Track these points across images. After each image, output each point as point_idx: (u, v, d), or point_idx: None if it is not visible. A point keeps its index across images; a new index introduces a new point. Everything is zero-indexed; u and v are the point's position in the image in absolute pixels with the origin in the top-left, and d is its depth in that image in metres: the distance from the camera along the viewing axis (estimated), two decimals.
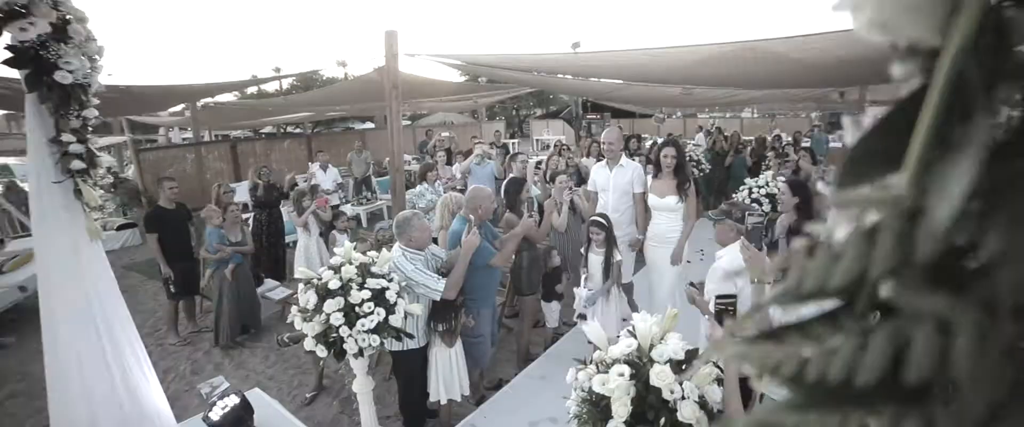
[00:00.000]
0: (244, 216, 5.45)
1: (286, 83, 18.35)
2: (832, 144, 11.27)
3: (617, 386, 1.63)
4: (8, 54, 1.94)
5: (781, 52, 4.45)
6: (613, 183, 4.01)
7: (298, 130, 19.20)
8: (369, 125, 19.15)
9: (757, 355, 0.21)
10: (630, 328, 1.85)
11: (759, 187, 5.15)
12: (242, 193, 7.14)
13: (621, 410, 1.61)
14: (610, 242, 3.46)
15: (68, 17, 2.08)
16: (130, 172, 11.20)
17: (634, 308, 3.69)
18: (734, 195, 5.21)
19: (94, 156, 2.29)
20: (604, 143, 4.13)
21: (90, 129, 2.30)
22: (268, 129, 18.94)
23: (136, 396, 2.43)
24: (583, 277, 3.60)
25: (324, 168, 8.20)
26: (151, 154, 11.00)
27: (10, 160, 12.56)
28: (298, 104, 12.23)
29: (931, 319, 0.17)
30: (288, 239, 6.32)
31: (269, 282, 5.48)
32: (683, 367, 1.67)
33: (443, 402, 3.11)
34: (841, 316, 0.20)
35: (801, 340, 0.21)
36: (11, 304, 5.51)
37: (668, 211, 3.68)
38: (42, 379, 4.28)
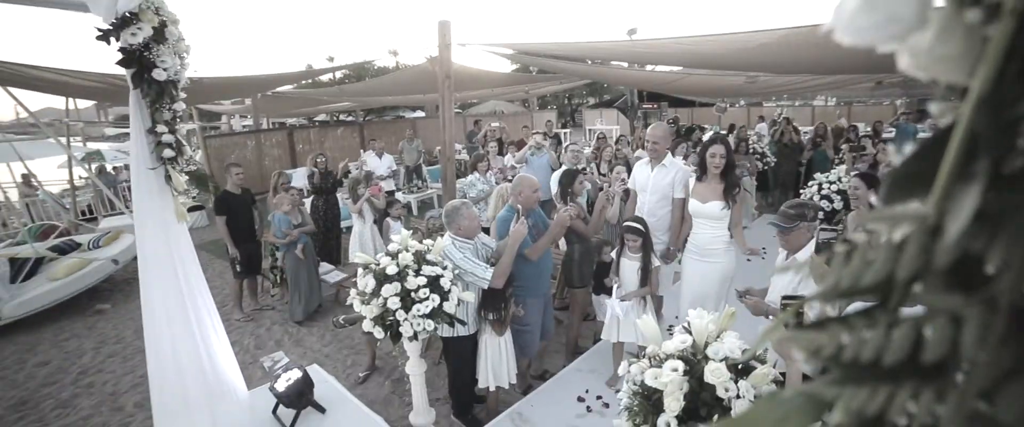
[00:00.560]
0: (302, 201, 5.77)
1: (340, 72, 19.00)
2: (921, 135, 10.41)
3: (670, 380, 1.66)
4: (120, 55, 2.18)
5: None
6: (652, 184, 3.69)
7: (350, 118, 19.92)
8: (420, 113, 19.61)
9: (804, 340, 0.26)
10: (685, 324, 1.87)
11: (830, 182, 4.72)
12: (298, 179, 7.54)
13: (673, 404, 1.65)
14: (647, 248, 3.19)
15: (165, 21, 2.30)
16: (198, 156, 12.04)
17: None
18: (801, 191, 4.87)
19: (182, 145, 2.53)
20: (649, 140, 3.72)
21: (179, 120, 2.54)
22: (322, 117, 19.76)
23: (215, 362, 2.68)
24: (615, 286, 3.29)
25: (379, 155, 8.50)
26: (215, 140, 11.74)
27: (102, 146, 13.76)
28: (351, 93, 12.71)
29: (946, 313, 0.21)
30: (343, 225, 6.63)
31: (325, 265, 5.79)
32: (739, 367, 1.68)
33: (491, 389, 3.22)
34: (874, 311, 0.25)
35: (840, 329, 0.25)
36: (107, 275, 6.14)
37: (712, 220, 3.25)
38: (132, 341, 4.83)
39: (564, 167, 4.98)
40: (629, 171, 4.94)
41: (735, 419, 0.27)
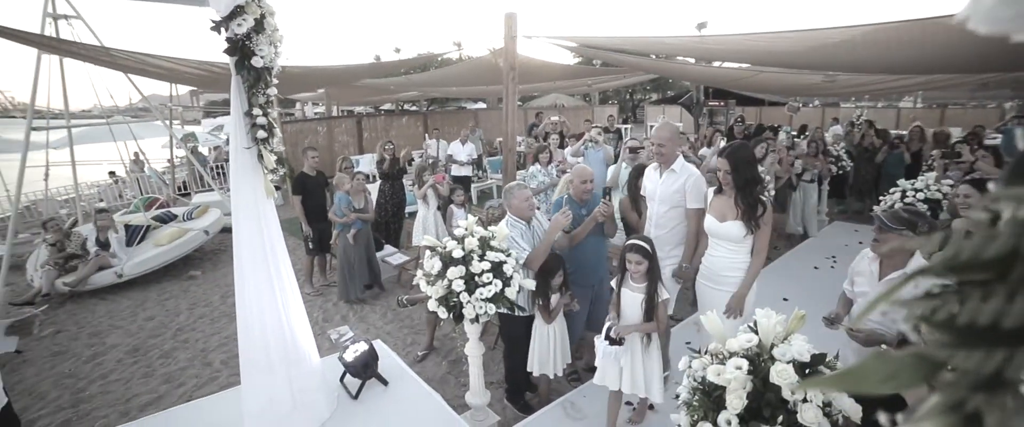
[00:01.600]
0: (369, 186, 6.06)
1: (405, 67, 19.59)
2: None
3: (734, 378, 1.64)
4: (226, 44, 2.40)
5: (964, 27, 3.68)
6: (660, 192, 3.23)
7: (414, 107, 20.53)
8: (481, 105, 19.87)
9: (918, 306, 0.28)
10: (751, 324, 1.83)
11: (916, 190, 4.34)
12: (365, 165, 7.91)
13: (735, 402, 1.62)
14: (653, 275, 2.64)
15: (264, 13, 2.50)
16: (281, 150, 12.93)
17: (666, 365, 3.15)
18: (882, 198, 4.52)
19: (273, 127, 2.74)
20: (653, 142, 3.27)
21: (271, 104, 2.75)
22: (387, 106, 20.49)
23: (293, 329, 2.90)
24: (607, 323, 2.75)
25: (463, 142, 8.79)
26: (290, 126, 12.51)
27: (195, 128, 15.06)
28: (418, 83, 13.13)
29: None
30: (408, 210, 6.90)
31: (388, 248, 6.07)
32: (807, 371, 1.63)
33: (536, 374, 3.29)
34: (988, 283, 0.26)
35: (952, 298, 0.27)
36: (199, 245, 6.79)
37: (729, 242, 2.75)
38: (218, 306, 5.31)
39: (622, 162, 4.91)
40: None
41: (844, 372, 0.30)
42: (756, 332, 1.83)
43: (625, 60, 8.88)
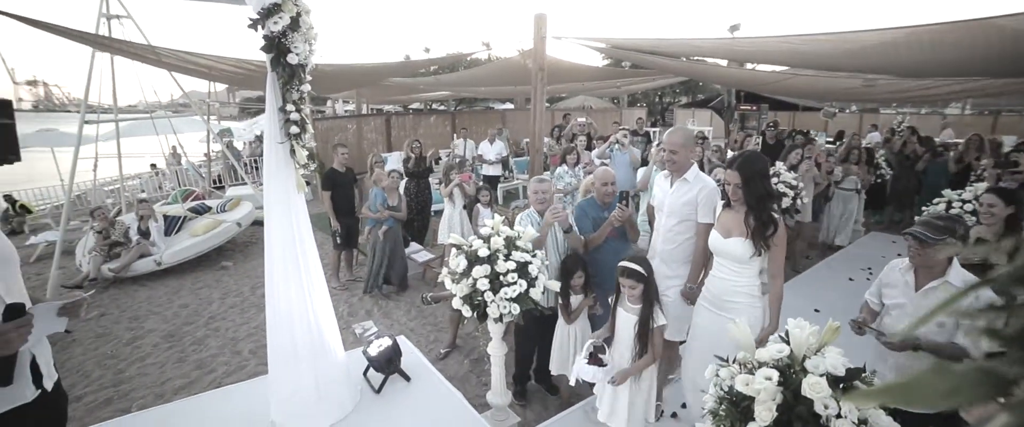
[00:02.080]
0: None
1: (435, 65, 19.79)
2: None
3: (763, 389, 1.59)
4: (263, 42, 2.47)
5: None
6: (670, 203, 2.94)
7: (442, 107, 20.72)
8: (508, 106, 19.90)
9: (983, 318, 0.26)
10: (783, 333, 1.78)
11: (963, 201, 4.14)
12: (392, 163, 8.03)
13: (764, 414, 1.58)
14: (649, 298, 2.49)
15: (299, 11, 2.56)
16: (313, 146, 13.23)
17: (658, 395, 2.97)
18: (924, 209, 4.30)
19: (306, 123, 2.80)
20: (665, 148, 2.94)
21: (304, 100, 2.81)
22: (416, 105, 20.74)
23: (320, 321, 2.96)
24: (585, 349, 2.60)
25: (491, 141, 8.88)
26: (321, 123, 12.80)
27: (232, 124, 15.56)
28: (447, 83, 13.25)
29: None
30: (434, 208, 6.96)
31: (414, 245, 6.13)
32: (841, 386, 1.57)
33: (555, 373, 3.29)
34: None
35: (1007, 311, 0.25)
36: (231, 236, 7.01)
37: (734, 262, 2.46)
38: (248, 296, 5.46)
39: (653, 164, 4.85)
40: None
41: (896, 386, 0.28)
42: (787, 342, 1.78)
43: (655, 62, 8.76)
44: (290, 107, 2.68)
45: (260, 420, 2.88)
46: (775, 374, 1.67)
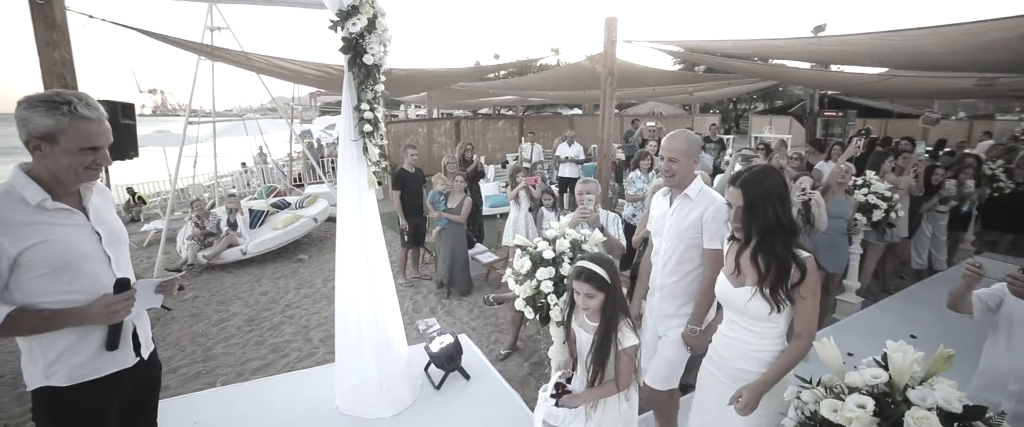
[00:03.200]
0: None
1: (504, 70, 20.08)
2: None
3: (855, 418, 1.42)
4: (341, 43, 2.59)
5: None
6: (670, 223, 2.38)
7: (510, 112, 20.93)
8: (577, 111, 19.77)
9: None
10: (879, 357, 1.59)
11: None
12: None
13: None
14: (612, 312, 1.89)
15: (376, 14, 2.66)
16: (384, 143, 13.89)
17: None
18: None
19: (378, 122, 2.90)
20: (664, 154, 2.36)
21: (378, 100, 2.92)
22: (485, 110, 21.12)
23: (385, 316, 3.05)
24: (558, 372, 2.25)
25: (570, 143, 8.95)
26: (394, 126, 13.34)
27: (311, 126, 16.64)
28: (515, 87, 13.38)
29: None
30: (496, 212, 7.03)
31: (479, 246, 6.20)
32: (956, 425, 1.36)
33: None
34: None
35: None
36: (308, 231, 7.48)
37: (742, 315, 1.85)
38: (321, 288, 5.75)
39: (731, 171, 4.59)
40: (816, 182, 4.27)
41: None
42: (885, 367, 1.58)
43: (731, 65, 8.33)
44: (364, 106, 2.79)
45: (326, 406, 3.01)
46: (869, 402, 1.50)
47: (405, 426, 2.87)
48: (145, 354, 1.77)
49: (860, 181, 4.53)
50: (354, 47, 2.64)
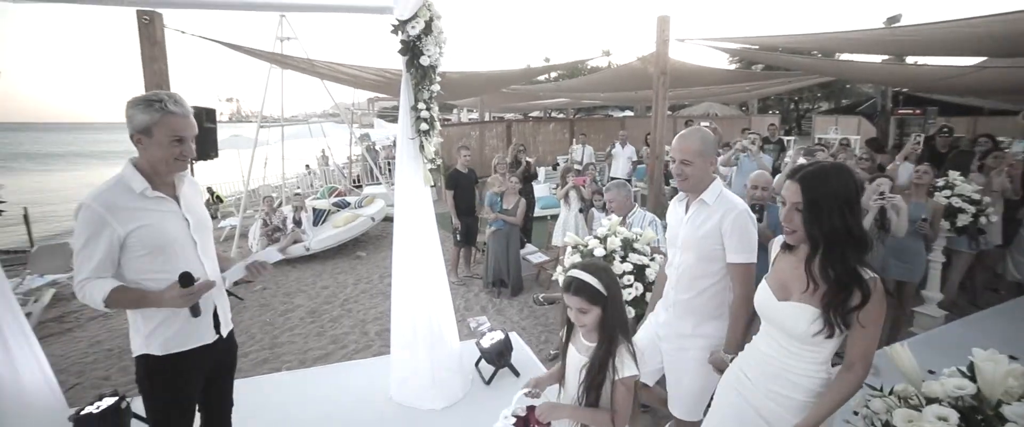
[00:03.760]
0: None
1: (554, 72, 20.07)
2: None
3: None
4: (400, 45, 2.70)
5: None
6: (685, 232, 2.12)
7: (561, 115, 20.87)
8: (628, 113, 19.44)
9: None
10: (965, 367, 1.47)
11: None
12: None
13: None
14: (611, 330, 1.61)
15: (432, 16, 2.75)
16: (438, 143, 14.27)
17: None
18: None
19: (434, 120, 2.99)
20: (676, 155, 2.09)
21: (434, 100, 3.00)
22: (536, 113, 21.16)
23: (438, 312, 3.12)
24: (521, 391, 1.78)
25: (623, 144, 9.01)
26: (447, 129, 13.64)
27: (370, 130, 17.36)
28: (566, 89, 13.33)
29: None
30: (546, 213, 7.04)
31: (529, 246, 6.22)
32: None
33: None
34: None
35: None
36: (366, 229, 7.81)
37: (783, 334, 1.59)
38: (377, 284, 5.97)
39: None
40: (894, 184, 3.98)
41: None
42: (972, 378, 1.46)
43: (793, 62, 7.91)
44: (421, 105, 2.88)
45: (380, 395, 3.13)
46: (953, 415, 1.39)
47: (455, 418, 2.92)
48: (224, 333, 1.95)
49: (941, 183, 4.18)
50: (412, 49, 2.74)
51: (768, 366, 1.63)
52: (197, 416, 1.97)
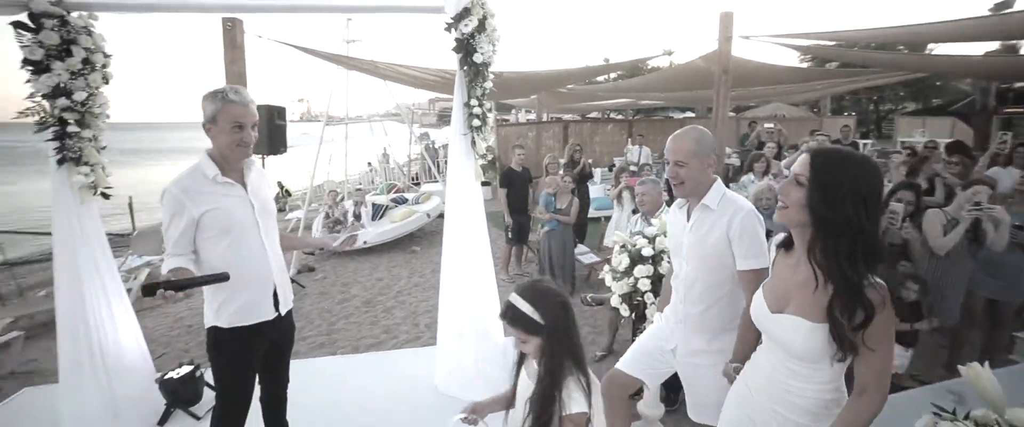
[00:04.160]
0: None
1: (613, 73, 19.74)
2: None
3: None
4: (454, 43, 2.77)
5: None
6: (689, 241, 1.96)
7: (619, 116, 20.51)
8: (689, 114, 18.81)
9: None
10: None
11: None
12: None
13: None
14: (556, 361, 1.46)
15: (486, 14, 2.80)
16: (492, 141, 14.48)
17: None
18: None
19: (486, 117, 3.04)
20: (668, 158, 1.94)
21: (486, 97, 3.06)
22: (594, 114, 20.93)
23: (484, 306, 3.17)
24: (460, 415, 1.71)
25: None
26: (503, 129, 13.78)
27: (430, 129, 17.91)
28: (625, 89, 13.10)
29: None
30: (601, 214, 6.96)
31: (581, 247, 6.17)
32: None
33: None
34: None
35: None
36: (421, 226, 8.11)
37: (790, 359, 1.38)
38: (430, 278, 6.13)
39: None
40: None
41: None
42: None
43: (875, 58, 7.33)
44: (474, 102, 2.95)
45: (426, 383, 3.24)
46: None
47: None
48: (283, 311, 2.10)
49: None
50: (465, 47, 2.80)
51: (769, 383, 1.44)
52: (257, 388, 2.13)
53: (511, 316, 1.45)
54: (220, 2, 3.19)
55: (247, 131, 1.89)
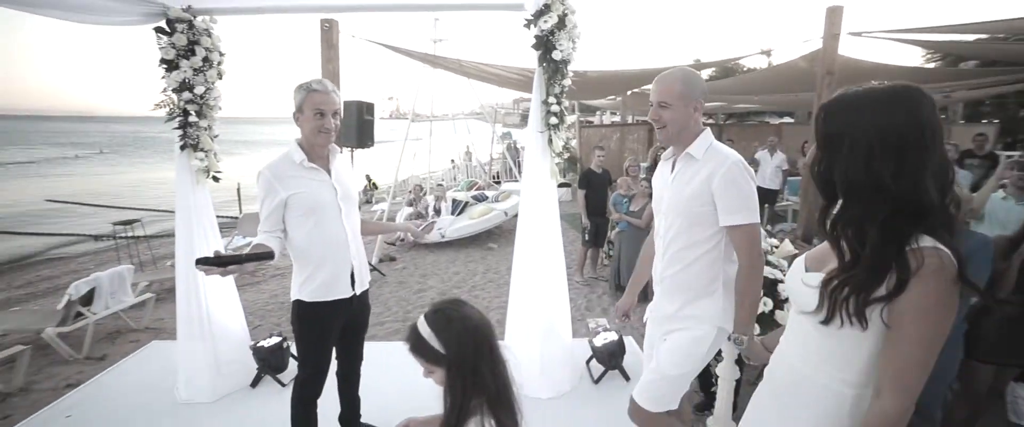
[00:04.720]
0: None
1: (706, 73, 18.72)
2: None
3: None
4: (533, 40, 2.78)
5: None
6: (669, 194, 1.81)
7: (710, 120, 19.46)
8: (787, 119, 17.41)
9: None
10: None
11: None
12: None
13: None
14: (460, 395, 1.21)
15: (565, 11, 2.78)
16: (573, 143, 14.44)
17: None
18: None
19: (563, 115, 3.02)
20: (652, 99, 1.79)
21: (564, 94, 3.03)
22: None
23: (552, 305, 3.15)
24: None
25: (772, 151, 8.42)
26: (587, 130, 13.60)
27: (512, 129, 18.20)
28: (714, 92, 12.35)
29: None
30: None
31: None
32: None
33: None
34: None
35: None
36: (498, 223, 8.29)
37: (808, 328, 1.12)
38: (504, 275, 6.22)
39: (996, 185, 3.48)
40: None
41: None
42: None
43: (1015, 53, 6.27)
44: (552, 100, 2.93)
45: None
46: None
47: (559, 410, 2.94)
48: (358, 291, 2.24)
49: None
50: (544, 44, 2.80)
51: (788, 373, 1.20)
52: (335, 362, 2.30)
53: (412, 342, 1.25)
54: (318, 3, 3.45)
55: (328, 118, 2.03)
